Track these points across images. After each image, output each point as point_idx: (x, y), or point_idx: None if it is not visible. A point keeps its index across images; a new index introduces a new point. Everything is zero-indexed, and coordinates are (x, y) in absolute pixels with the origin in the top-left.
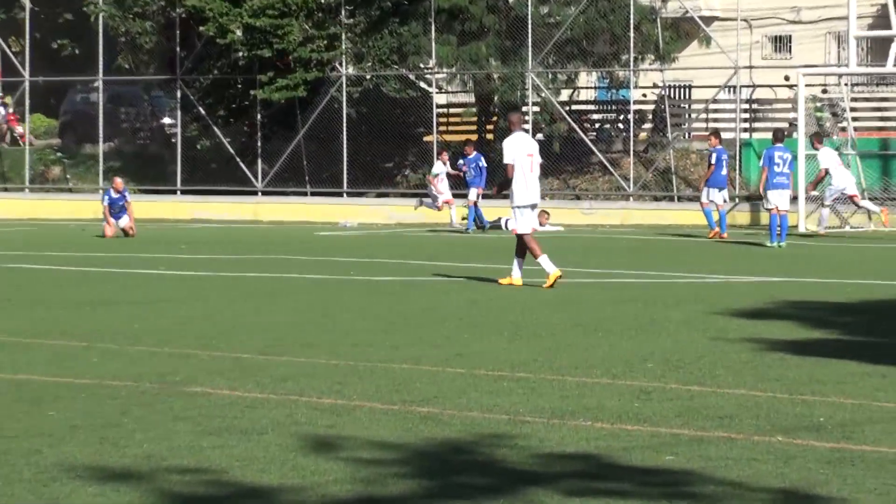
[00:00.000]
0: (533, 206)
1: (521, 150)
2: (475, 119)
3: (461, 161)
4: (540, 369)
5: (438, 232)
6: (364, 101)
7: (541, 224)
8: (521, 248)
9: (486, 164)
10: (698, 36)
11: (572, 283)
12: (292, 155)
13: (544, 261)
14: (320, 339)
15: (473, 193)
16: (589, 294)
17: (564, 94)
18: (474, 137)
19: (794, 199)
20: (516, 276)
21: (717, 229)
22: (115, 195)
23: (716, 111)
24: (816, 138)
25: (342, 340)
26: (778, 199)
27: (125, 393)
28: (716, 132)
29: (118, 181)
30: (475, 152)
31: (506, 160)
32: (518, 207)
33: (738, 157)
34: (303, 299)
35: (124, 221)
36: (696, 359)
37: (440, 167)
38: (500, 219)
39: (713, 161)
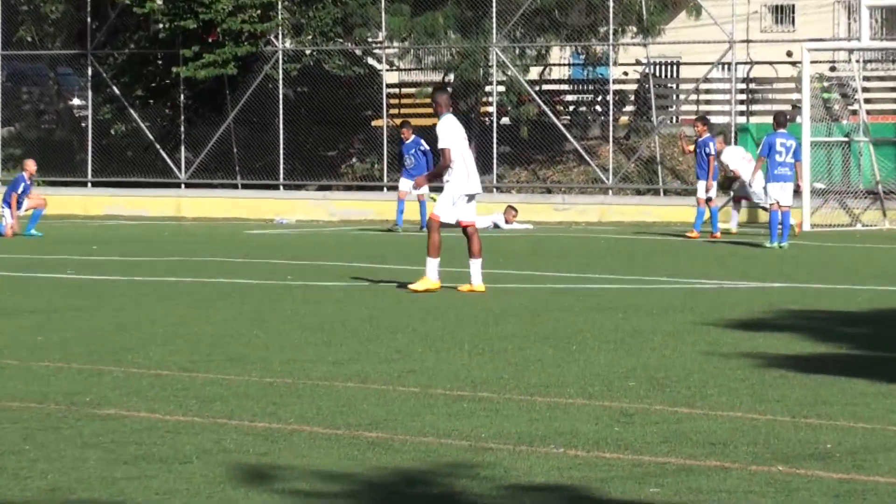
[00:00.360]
0: (470, 198)
1: (459, 134)
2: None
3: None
4: (505, 388)
5: (394, 231)
6: (303, 80)
7: (507, 221)
8: (475, 247)
9: (428, 148)
10: (687, 6)
11: (543, 290)
12: (220, 142)
13: (433, 265)
14: (253, 354)
15: (406, 184)
16: (562, 302)
17: (534, 73)
18: (425, 122)
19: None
20: (477, 283)
21: (717, 232)
22: (28, 181)
23: (707, 92)
24: (717, 136)
25: (278, 355)
26: (779, 193)
27: (27, 416)
28: (703, 118)
29: (31, 164)
30: (413, 136)
31: (442, 144)
32: (454, 196)
33: (733, 144)
34: (233, 308)
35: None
36: (684, 376)
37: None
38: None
39: (710, 151)
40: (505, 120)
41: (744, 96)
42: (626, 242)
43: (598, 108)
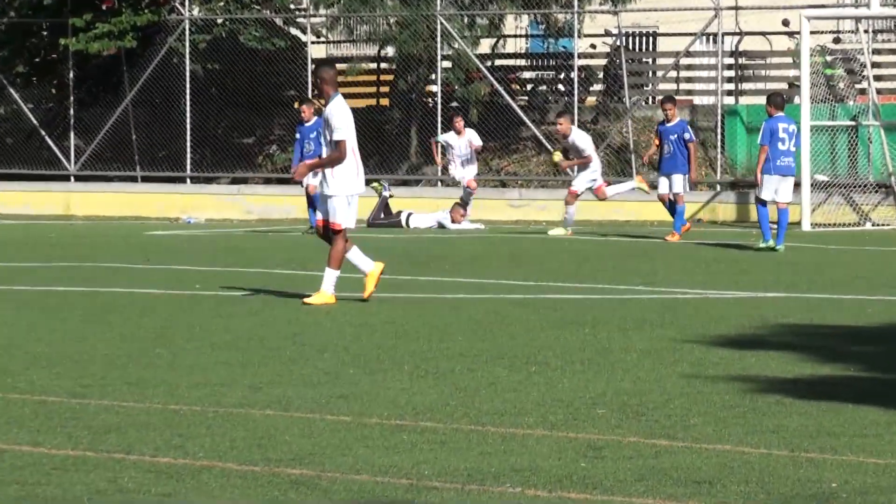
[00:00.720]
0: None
1: (352, 123)
2: (371, 79)
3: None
4: (452, 416)
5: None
6: (214, 55)
7: (454, 221)
8: (337, 254)
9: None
10: None
11: (496, 301)
12: (117, 127)
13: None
14: (155, 376)
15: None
16: (518, 315)
17: (485, 45)
18: (366, 102)
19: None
20: (328, 290)
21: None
22: None
23: (689, 68)
24: (563, 115)
25: (184, 378)
26: (780, 186)
27: None
28: (671, 98)
29: None
30: (316, 117)
31: (340, 135)
32: (350, 196)
33: (719, 130)
34: (131, 322)
35: None
36: (663, 402)
37: (453, 138)
38: (400, 213)
39: (690, 136)
40: (452, 103)
41: (732, 73)
42: (594, 245)
43: (560, 87)
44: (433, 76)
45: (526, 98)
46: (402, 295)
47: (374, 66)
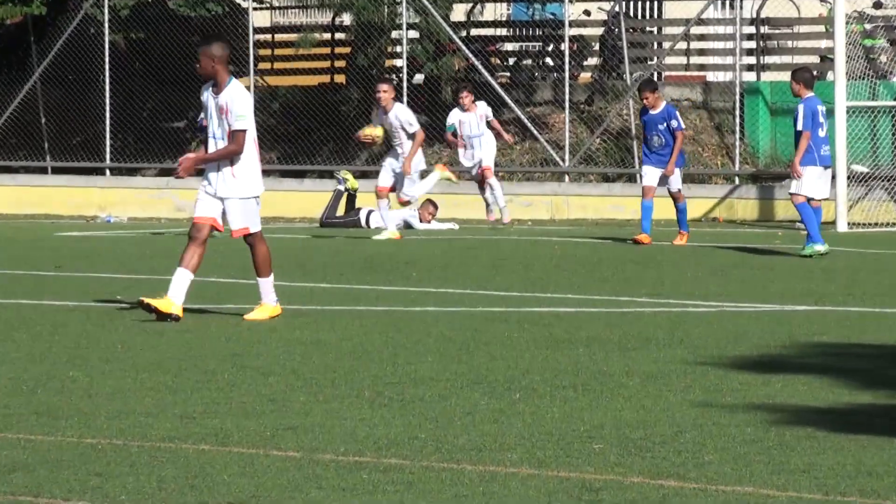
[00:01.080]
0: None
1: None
2: (325, 52)
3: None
4: (422, 452)
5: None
6: (139, 24)
7: (422, 220)
8: (262, 259)
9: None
10: None
11: (473, 316)
12: (23, 109)
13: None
14: (69, 405)
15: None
16: (499, 332)
17: (459, 11)
18: (319, 79)
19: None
20: (268, 301)
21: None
22: None
23: (702, 38)
24: (385, 85)
25: (104, 406)
26: (820, 181)
27: None
28: (650, 82)
29: None
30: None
31: (242, 124)
32: (256, 198)
33: (738, 112)
34: (41, 340)
35: None
36: (672, 435)
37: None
38: (359, 210)
39: (677, 125)
40: (419, 78)
41: (753, 44)
42: (590, 248)
43: (548, 60)
44: (397, 49)
45: (508, 74)
46: (361, 308)
47: (327, 36)
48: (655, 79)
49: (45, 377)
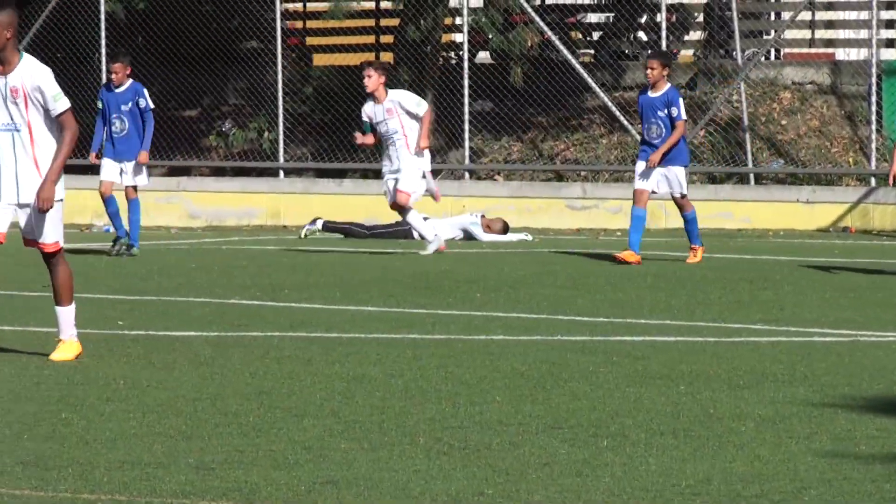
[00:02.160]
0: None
1: None
2: (368, 24)
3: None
4: None
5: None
6: None
7: (486, 229)
8: (63, 281)
9: (151, 105)
10: None
11: (551, 345)
12: None
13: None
14: (63, 453)
15: (112, 169)
16: (582, 364)
17: None
18: (361, 57)
19: None
20: (68, 336)
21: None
22: None
23: (830, 7)
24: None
25: (104, 455)
26: None
27: None
28: (662, 54)
29: None
30: (131, 80)
31: (66, 103)
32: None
33: (874, 98)
34: (27, 375)
35: None
36: (794, 492)
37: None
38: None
39: (678, 114)
40: (484, 56)
41: (893, 14)
42: (692, 264)
43: (641, 35)
44: (457, 20)
45: (592, 52)
46: (414, 336)
47: (371, 5)
48: (773, 57)
49: (33, 420)
